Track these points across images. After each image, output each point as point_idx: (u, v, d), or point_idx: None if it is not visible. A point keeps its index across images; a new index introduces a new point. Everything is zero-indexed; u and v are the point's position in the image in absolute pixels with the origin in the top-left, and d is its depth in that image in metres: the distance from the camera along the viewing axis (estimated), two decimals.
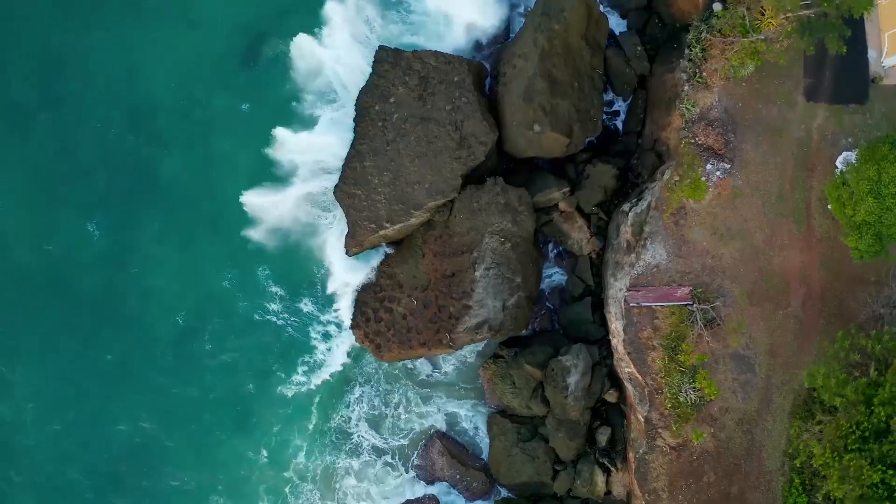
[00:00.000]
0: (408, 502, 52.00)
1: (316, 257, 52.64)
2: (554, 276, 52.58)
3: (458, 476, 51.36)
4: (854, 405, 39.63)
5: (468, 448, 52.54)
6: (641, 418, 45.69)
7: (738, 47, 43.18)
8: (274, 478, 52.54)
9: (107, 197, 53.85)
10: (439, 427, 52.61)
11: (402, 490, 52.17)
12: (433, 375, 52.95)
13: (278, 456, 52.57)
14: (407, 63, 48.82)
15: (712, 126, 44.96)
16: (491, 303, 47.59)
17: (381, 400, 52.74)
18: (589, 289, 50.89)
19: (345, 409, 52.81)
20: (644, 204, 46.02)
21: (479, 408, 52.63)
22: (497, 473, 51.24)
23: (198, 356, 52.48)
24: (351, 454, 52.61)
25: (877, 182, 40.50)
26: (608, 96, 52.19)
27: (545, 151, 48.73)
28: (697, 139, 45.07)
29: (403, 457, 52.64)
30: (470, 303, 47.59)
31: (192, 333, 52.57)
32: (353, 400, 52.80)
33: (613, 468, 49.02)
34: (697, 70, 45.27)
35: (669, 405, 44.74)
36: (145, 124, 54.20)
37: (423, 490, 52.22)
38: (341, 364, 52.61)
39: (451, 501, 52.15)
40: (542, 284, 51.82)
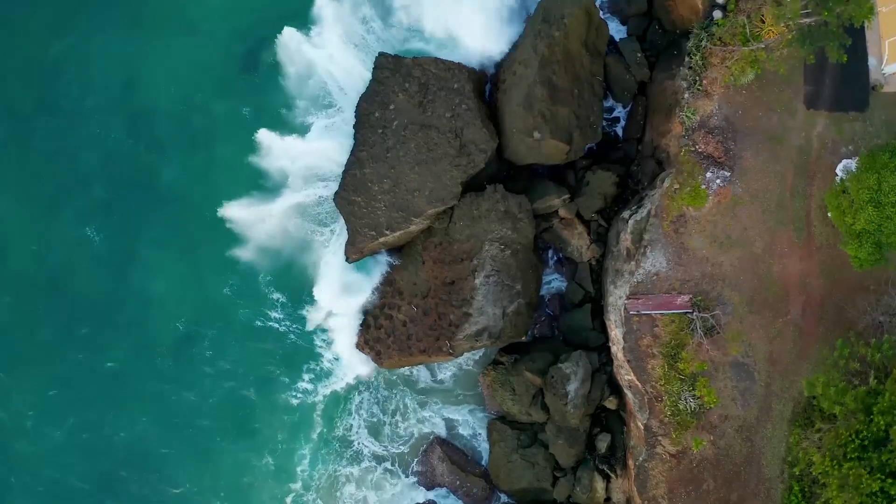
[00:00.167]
0: None
1: (313, 268, 52.53)
2: (554, 283, 52.59)
3: (458, 482, 51.43)
4: (853, 413, 39.72)
5: (468, 454, 52.61)
6: (641, 426, 45.74)
7: (739, 56, 43.17)
8: (277, 486, 52.55)
9: (106, 202, 54.01)
10: (439, 433, 52.65)
11: (402, 496, 52.23)
12: (433, 381, 52.96)
13: (281, 464, 52.58)
14: (407, 70, 48.75)
15: (712, 134, 44.95)
16: (491, 310, 47.63)
17: (381, 407, 52.81)
18: (589, 295, 50.89)
19: (347, 417, 52.84)
20: (644, 211, 46.02)
21: (479, 414, 52.70)
22: (497, 479, 51.31)
23: (199, 363, 52.60)
24: (352, 461, 52.70)
25: (877, 191, 40.56)
26: (608, 103, 52.15)
27: (545, 158, 48.70)
28: (697, 147, 45.07)
29: (403, 463, 52.70)
30: (470, 310, 47.63)
31: (193, 340, 52.65)
32: (355, 407, 52.83)
33: (613, 475, 49.12)
34: (698, 78, 45.25)
35: (669, 413, 44.80)
36: (144, 130, 54.35)
37: (423, 496, 52.29)
38: (353, 377, 52.71)
39: None
40: (542, 291, 51.85)
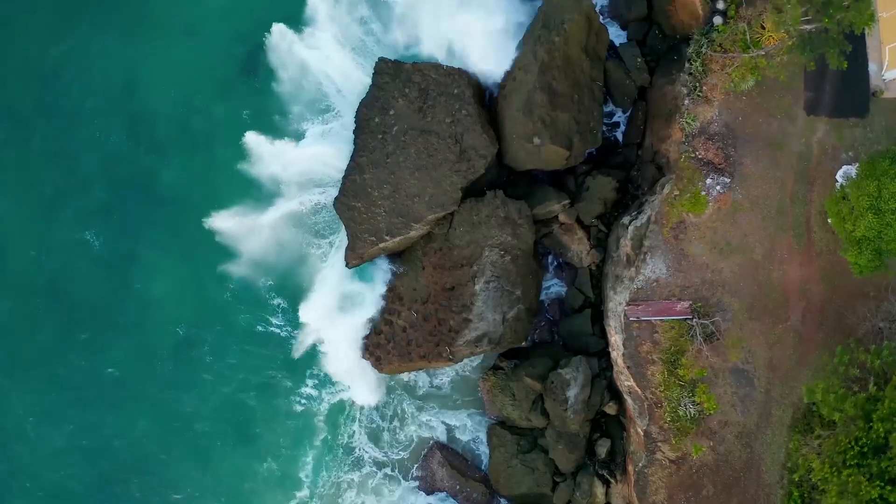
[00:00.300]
0: None
1: (310, 280, 52.52)
2: (553, 288, 52.61)
3: (458, 487, 51.50)
4: (853, 420, 39.70)
5: (468, 459, 52.65)
6: (641, 431, 45.80)
7: (739, 62, 43.14)
8: (280, 493, 52.45)
9: (106, 205, 53.73)
10: (439, 437, 52.68)
11: (402, 501, 52.23)
12: (432, 386, 53.00)
13: (285, 470, 52.37)
14: (407, 75, 48.70)
15: (712, 140, 44.93)
16: (491, 316, 47.66)
17: (380, 412, 52.79)
18: (588, 301, 50.89)
19: (351, 423, 52.77)
20: (644, 217, 46.02)
21: (479, 418, 52.73)
22: (497, 484, 51.33)
23: (199, 368, 52.26)
24: (354, 467, 52.61)
25: (877, 198, 40.38)
26: (608, 108, 52.03)
27: (545, 164, 48.66)
28: (697, 153, 45.05)
29: (403, 469, 52.71)
30: (470, 316, 47.66)
31: (194, 344, 52.39)
32: (357, 413, 52.76)
33: (613, 480, 49.17)
34: (698, 84, 45.19)
35: (669, 419, 44.84)
36: (144, 132, 54.08)
37: (424, 500, 52.27)
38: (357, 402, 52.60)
39: None
40: (542, 296, 51.85)
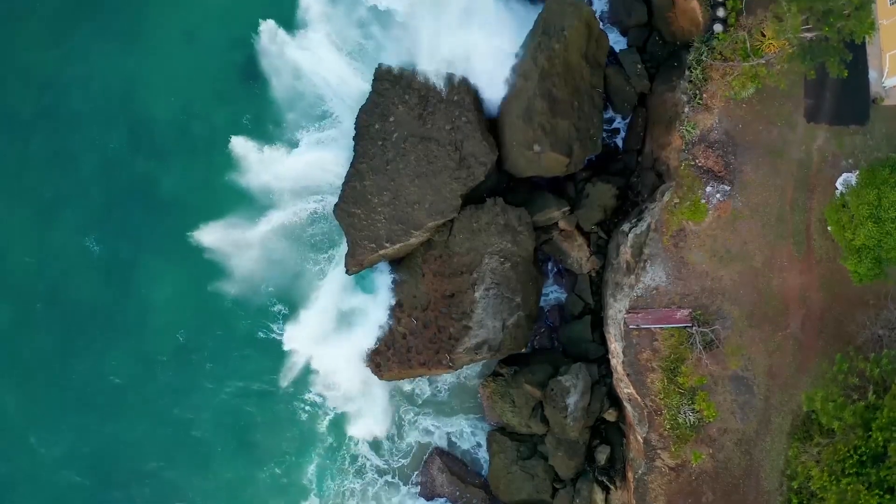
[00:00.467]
0: None
1: (312, 286, 52.65)
2: (553, 294, 52.65)
3: (458, 493, 51.61)
4: (852, 429, 39.78)
5: (468, 464, 52.78)
6: (640, 439, 45.86)
7: (739, 71, 43.05)
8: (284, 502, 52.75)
9: (106, 212, 53.86)
10: (439, 444, 52.78)
11: None
12: (432, 392, 53.05)
13: (290, 478, 52.72)
14: (407, 81, 48.67)
15: (712, 148, 44.89)
16: (490, 323, 47.70)
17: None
18: (588, 307, 50.94)
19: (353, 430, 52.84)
20: (644, 225, 46.01)
21: (479, 424, 52.82)
22: (497, 490, 51.45)
23: (201, 376, 52.67)
24: (356, 475, 52.67)
25: (877, 207, 40.46)
26: (608, 114, 52.08)
27: (545, 171, 48.64)
28: (697, 161, 45.01)
29: (404, 476, 52.84)
30: (469, 323, 47.71)
31: (194, 351, 52.71)
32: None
33: (612, 487, 49.23)
34: (698, 92, 45.14)
35: (668, 426, 44.90)
36: (144, 139, 54.31)
37: None
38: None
39: None
40: (542, 302, 51.88)
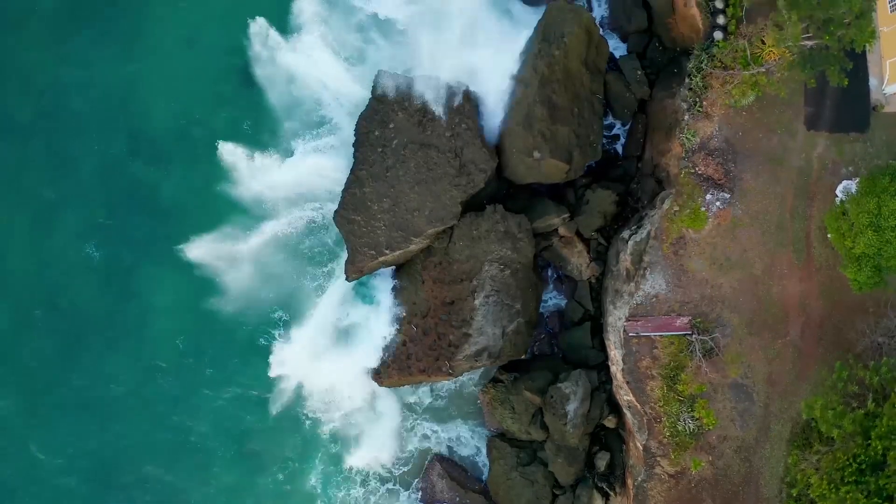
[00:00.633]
0: None
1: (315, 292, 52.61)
2: (553, 300, 52.64)
3: (458, 499, 51.62)
4: (851, 437, 39.83)
5: (468, 470, 52.83)
6: (640, 446, 45.90)
7: (739, 79, 42.98)
8: None
9: (107, 218, 53.61)
10: (440, 449, 52.78)
11: None
12: (433, 398, 53.10)
13: (294, 487, 52.54)
14: (407, 88, 48.51)
15: (712, 156, 44.86)
16: (490, 330, 47.69)
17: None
18: (588, 314, 50.92)
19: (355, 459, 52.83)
20: (643, 233, 45.98)
21: (479, 430, 52.84)
22: (496, 496, 51.47)
23: (200, 382, 52.47)
24: (357, 481, 52.66)
25: (876, 215, 40.47)
26: (608, 120, 51.99)
27: (545, 177, 48.58)
28: (697, 169, 44.98)
29: (405, 483, 52.82)
30: (469, 331, 47.70)
31: (194, 358, 52.55)
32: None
33: (612, 493, 49.26)
34: (698, 99, 45.10)
35: (668, 434, 44.93)
36: (143, 145, 53.99)
37: None
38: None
39: None
40: (542, 308, 51.84)
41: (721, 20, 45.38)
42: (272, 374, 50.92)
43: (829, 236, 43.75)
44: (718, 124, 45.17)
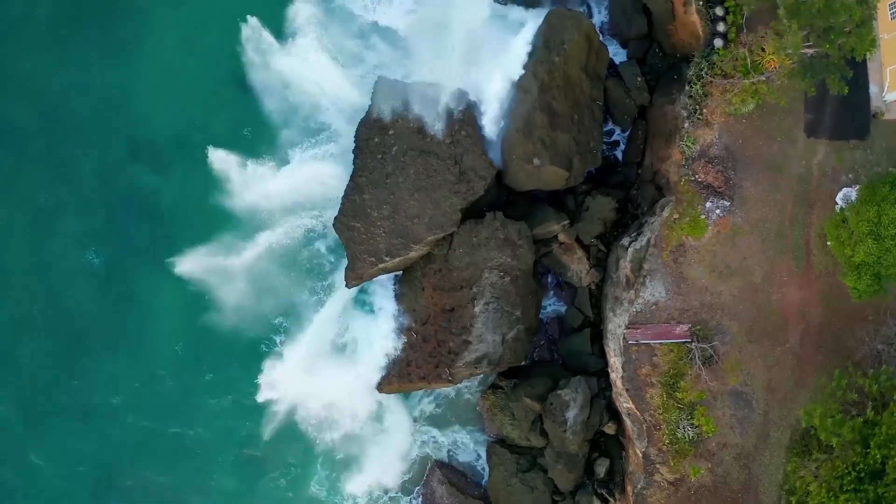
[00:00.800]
0: None
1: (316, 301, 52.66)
2: (553, 307, 52.63)
3: None
4: (850, 445, 39.92)
5: (468, 476, 52.89)
6: (639, 453, 45.97)
7: (740, 88, 42.91)
8: None
9: (107, 224, 53.56)
10: (440, 455, 52.81)
11: None
12: (433, 404, 53.13)
13: (293, 491, 52.47)
14: (407, 94, 48.47)
15: (712, 164, 44.83)
16: (490, 337, 47.72)
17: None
18: (588, 320, 50.92)
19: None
20: (643, 240, 45.97)
21: (479, 436, 52.87)
22: (496, 502, 51.49)
23: (200, 389, 52.46)
24: (357, 488, 52.70)
25: (876, 224, 40.43)
26: (607, 126, 51.97)
27: (545, 184, 48.59)
28: (697, 176, 44.95)
29: (406, 489, 52.87)
30: (469, 338, 47.72)
31: (193, 364, 52.55)
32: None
33: (612, 499, 49.35)
34: (698, 107, 45.03)
35: (667, 441, 45.01)
36: (144, 151, 53.94)
37: None
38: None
39: None
40: (541, 314, 51.83)
41: (721, 27, 45.28)
42: (260, 399, 50.39)
43: (829, 244, 43.75)
44: (718, 132, 45.12)
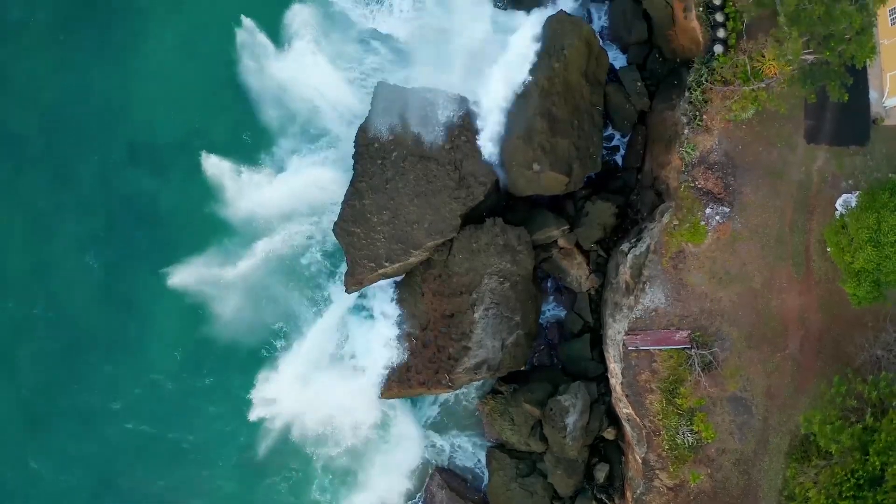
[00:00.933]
0: None
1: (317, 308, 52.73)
2: (553, 311, 52.62)
3: None
4: (850, 452, 39.95)
5: (468, 481, 52.94)
6: (639, 459, 46.02)
7: (739, 95, 42.87)
8: None
9: (106, 228, 53.59)
10: (441, 460, 52.81)
11: None
12: (433, 409, 53.19)
13: (295, 497, 52.39)
14: (406, 100, 48.45)
15: (712, 170, 44.81)
16: (490, 343, 47.74)
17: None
18: (588, 325, 50.92)
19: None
20: (643, 246, 45.97)
21: (479, 440, 52.88)
22: None
23: (200, 394, 52.47)
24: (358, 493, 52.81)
25: (876, 231, 40.46)
26: (607, 131, 51.92)
27: (544, 190, 48.54)
28: (697, 183, 44.94)
29: (406, 494, 52.97)
30: (469, 344, 47.74)
31: (193, 369, 52.53)
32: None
33: None
34: (698, 113, 45.01)
35: (667, 447, 45.05)
36: (144, 155, 53.98)
37: None
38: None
39: None
40: (541, 319, 51.80)
41: (721, 33, 45.24)
42: (253, 418, 50.26)
43: (829, 250, 43.75)
44: (718, 138, 45.11)
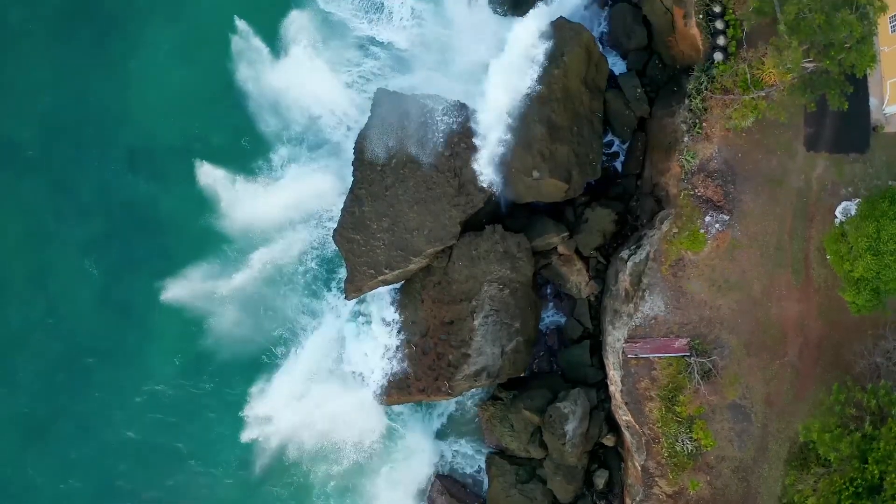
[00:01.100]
0: None
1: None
2: (552, 318, 52.62)
3: None
4: (849, 460, 40.02)
5: (468, 487, 53.01)
6: (638, 466, 46.09)
7: (739, 103, 42.81)
8: None
9: (105, 236, 53.63)
10: (441, 466, 52.88)
11: None
12: (433, 414, 53.28)
13: (295, 500, 52.49)
14: (406, 107, 48.42)
15: (712, 178, 44.78)
16: (489, 350, 47.76)
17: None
18: (587, 332, 50.94)
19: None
20: (643, 254, 45.98)
21: (479, 446, 52.96)
22: None
23: (200, 399, 52.51)
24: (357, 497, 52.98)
25: (875, 239, 40.41)
26: (607, 138, 51.86)
27: (544, 196, 48.57)
28: (697, 191, 44.92)
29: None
30: (469, 351, 47.75)
31: (192, 376, 52.57)
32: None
33: None
34: (697, 120, 44.98)
35: (666, 454, 45.12)
36: (143, 162, 54.01)
37: None
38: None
39: None
40: (541, 325, 51.83)
41: (721, 41, 45.18)
42: (245, 439, 50.37)
43: (829, 258, 43.74)
44: (718, 146, 45.06)
